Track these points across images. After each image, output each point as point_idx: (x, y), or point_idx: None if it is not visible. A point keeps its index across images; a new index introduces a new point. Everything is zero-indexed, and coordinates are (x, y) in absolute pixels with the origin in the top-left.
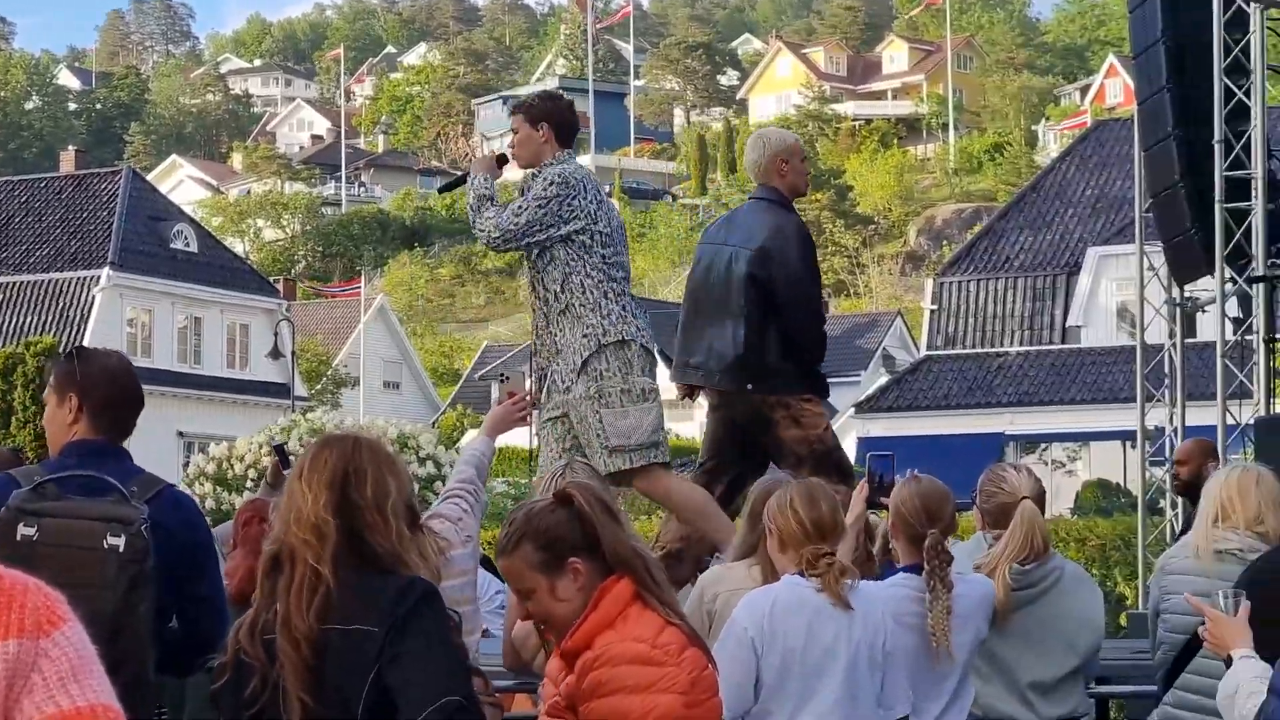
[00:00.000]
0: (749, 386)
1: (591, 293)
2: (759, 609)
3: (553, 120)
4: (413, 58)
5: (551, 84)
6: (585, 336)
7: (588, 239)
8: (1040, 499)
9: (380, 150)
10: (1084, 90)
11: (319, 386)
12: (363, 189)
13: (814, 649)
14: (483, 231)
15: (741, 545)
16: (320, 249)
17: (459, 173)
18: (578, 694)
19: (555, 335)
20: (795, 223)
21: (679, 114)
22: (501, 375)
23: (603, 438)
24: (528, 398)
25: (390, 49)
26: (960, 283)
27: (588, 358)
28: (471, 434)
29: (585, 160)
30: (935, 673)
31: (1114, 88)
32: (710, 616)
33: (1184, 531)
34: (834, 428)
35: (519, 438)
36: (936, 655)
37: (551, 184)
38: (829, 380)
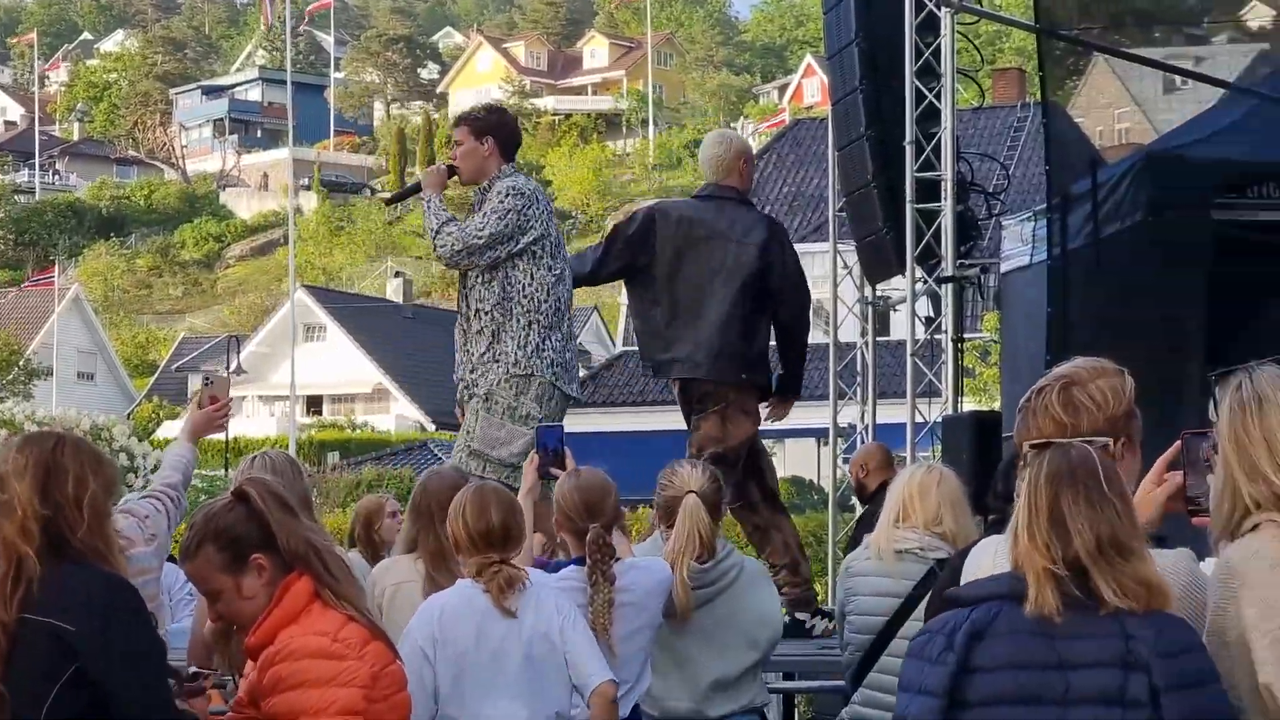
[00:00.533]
0: (743, 376)
1: (520, 319)
2: (429, 617)
3: (498, 134)
4: (110, 45)
5: (251, 74)
6: (497, 363)
7: (539, 249)
8: (713, 495)
9: (76, 138)
10: (782, 89)
11: (10, 377)
12: (57, 177)
13: (484, 651)
14: (444, 247)
15: (406, 539)
16: (13, 237)
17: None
18: (259, 689)
19: (469, 353)
20: (777, 223)
21: (379, 107)
22: (206, 378)
23: (470, 436)
24: (229, 403)
25: (87, 35)
26: None
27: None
28: (168, 426)
29: (283, 153)
30: None
31: (811, 87)
32: (380, 610)
33: (858, 531)
34: None
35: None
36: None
37: (508, 196)
38: None
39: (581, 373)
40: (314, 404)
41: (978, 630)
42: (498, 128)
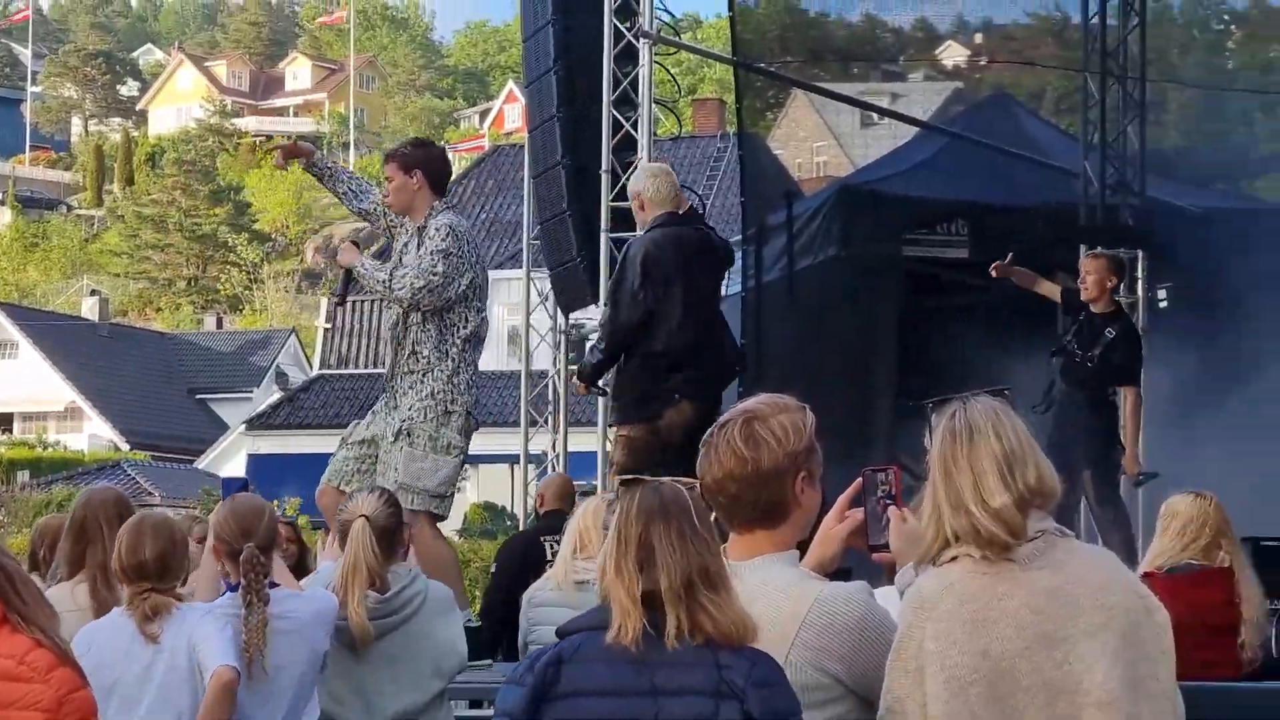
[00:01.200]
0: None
1: (453, 360)
2: (83, 641)
3: (426, 168)
4: None
5: None
6: (431, 398)
7: (470, 292)
8: (385, 520)
9: None
10: (484, 114)
11: None
12: None
13: (130, 674)
14: (403, 290)
15: (70, 560)
16: None
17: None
18: None
19: (399, 391)
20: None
21: (77, 123)
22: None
23: (397, 472)
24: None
25: None
26: (354, 302)
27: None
28: None
29: None
30: (260, 691)
31: (512, 113)
32: None
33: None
34: (224, 445)
35: None
36: (250, 672)
37: (446, 236)
38: (221, 398)
39: (276, 395)
40: (4, 421)
41: (562, 657)
42: (426, 161)
